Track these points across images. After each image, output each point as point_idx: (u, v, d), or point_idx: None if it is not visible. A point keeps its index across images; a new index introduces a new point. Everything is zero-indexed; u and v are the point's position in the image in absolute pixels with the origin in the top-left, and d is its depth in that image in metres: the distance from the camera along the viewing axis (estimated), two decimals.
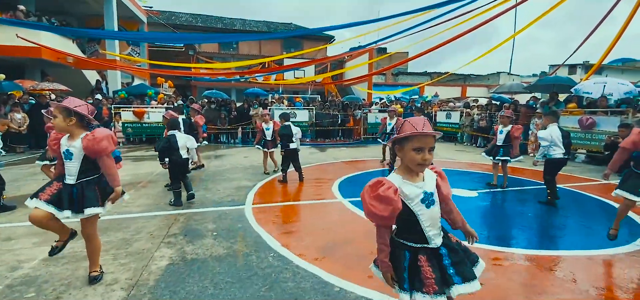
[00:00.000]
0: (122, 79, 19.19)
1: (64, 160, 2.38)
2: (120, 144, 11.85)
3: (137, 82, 20.08)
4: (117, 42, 18.32)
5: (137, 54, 22.10)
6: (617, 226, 3.27)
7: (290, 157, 6.05)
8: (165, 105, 12.71)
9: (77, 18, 19.73)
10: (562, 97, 10.21)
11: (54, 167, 3.82)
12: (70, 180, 2.38)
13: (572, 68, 26.87)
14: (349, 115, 14.46)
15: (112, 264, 2.84)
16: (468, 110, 13.03)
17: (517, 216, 4.39)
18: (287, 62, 20.90)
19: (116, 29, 17.38)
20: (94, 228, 2.53)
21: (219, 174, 6.69)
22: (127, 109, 12.08)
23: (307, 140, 13.67)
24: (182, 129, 6.22)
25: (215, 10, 34.98)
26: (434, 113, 14.43)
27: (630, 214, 4.26)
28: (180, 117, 6.29)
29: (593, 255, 3.12)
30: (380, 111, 14.22)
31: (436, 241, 1.54)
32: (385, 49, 26.92)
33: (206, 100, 13.88)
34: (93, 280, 2.51)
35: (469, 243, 1.73)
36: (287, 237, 3.48)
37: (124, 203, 3.88)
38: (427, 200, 1.53)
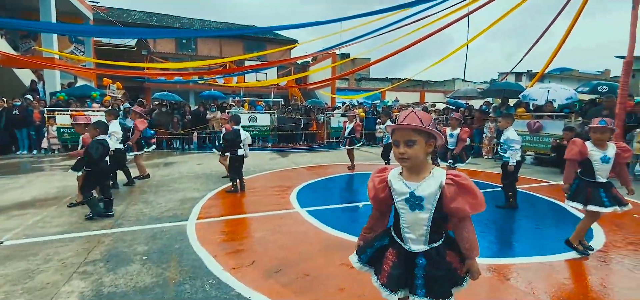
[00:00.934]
0: (62, 79, 17.34)
1: None
2: (55, 152, 10.55)
3: (80, 83, 18.26)
4: (55, 37, 16.49)
5: (82, 53, 20.16)
6: (579, 238, 3.24)
7: (238, 165, 5.59)
8: (109, 108, 11.56)
9: (11, 12, 17.53)
10: (512, 101, 10.75)
11: None
12: None
13: (518, 76, 28.99)
14: (312, 120, 14.20)
15: None
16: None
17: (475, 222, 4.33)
18: (249, 63, 20.22)
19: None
20: None
21: (165, 185, 6.04)
22: (63, 113, 10.79)
23: (269, 145, 13.18)
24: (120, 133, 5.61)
25: (173, 9, 33.18)
26: (395, 117, 14.63)
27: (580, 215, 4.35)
28: (114, 121, 5.61)
29: (552, 261, 3.06)
30: (343, 115, 14.12)
31: (412, 246, 1.49)
32: (348, 54, 27.17)
33: (157, 103, 12.88)
34: None
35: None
36: (232, 257, 3.06)
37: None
38: (413, 202, 1.45)
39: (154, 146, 7.33)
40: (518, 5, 9.45)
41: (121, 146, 5.72)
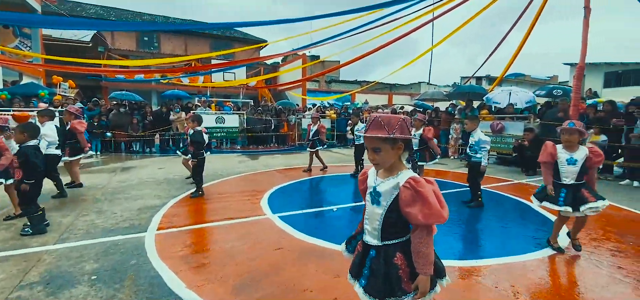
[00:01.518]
0: (4, 76, 15.68)
1: None
2: None
3: (26, 80, 16.60)
4: None
5: (28, 48, 18.36)
6: (554, 238, 3.30)
7: (199, 168, 5.33)
8: (42, 109, 10.60)
9: None
10: (475, 104, 11.19)
11: None
12: None
13: (479, 80, 30.59)
14: (283, 121, 13.93)
15: None
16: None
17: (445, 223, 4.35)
18: (216, 62, 19.47)
19: None
20: None
21: (121, 192, 5.53)
22: (4, 113, 9.67)
23: (238, 147, 12.72)
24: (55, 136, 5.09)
25: (131, 4, 31.44)
26: (365, 118, 14.74)
27: (547, 215, 4.52)
28: (48, 123, 5.09)
29: (522, 261, 3.09)
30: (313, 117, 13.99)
31: (367, 238, 1.57)
32: (318, 55, 27.16)
33: (115, 103, 11.99)
34: None
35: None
36: (197, 272, 2.78)
37: None
38: (374, 197, 1.54)
39: (90, 152, 6.80)
40: (479, 13, 9.91)
41: (57, 151, 5.21)
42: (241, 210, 4.59)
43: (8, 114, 9.71)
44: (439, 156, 6.04)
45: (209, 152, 6.02)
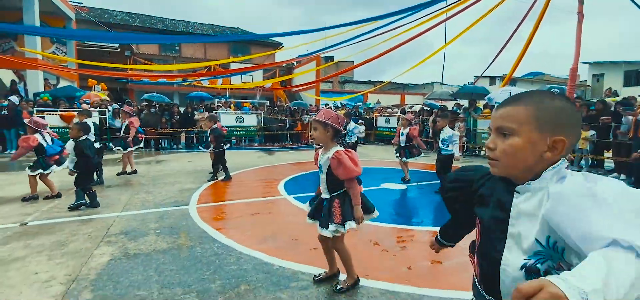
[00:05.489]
0: (47, 79, 17.23)
1: None
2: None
3: (63, 83, 18.17)
4: (38, 38, 16.42)
5: (64, 53, 20.00)
6: None
7: (221, 158, 6.43)
8: (98, 108, 11.87)
9: None
10: (480, 103, 11.77)
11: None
12: None
13: (492, 79, 30.62)
14: (297, 120, 14.84)
15: (46, 264, 2.79)
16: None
17: (428, 204, 5.11)
18: (234, 66, 20.63)
19: (37, 24, 15.61)
20: None
21: (161, 179, 6.54)
22: (52, 113, 11.00)
23: (256, 144, 13.72)
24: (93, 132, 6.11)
25: (155, 10, 32.97)
26: (375, 118, 15.46)
27: None
28: (86, 120, 6.14)
29: None
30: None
31: (323, 195, 2.40)
32: (332, 57, 27.95)
33: (146, 104, 13.20)
34: None
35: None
36: (232, 230, 3.68)
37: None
38: (320, 167, 2.38)
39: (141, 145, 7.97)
40: (489, 12, 10.40)
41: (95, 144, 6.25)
42: (262, 192, 5.50)
43: (56, 114, 11.06)
44: (423, 152, 6.55)
45: (228, 147, 7.01)
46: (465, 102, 12.83)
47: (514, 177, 0.87)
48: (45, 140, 4.98)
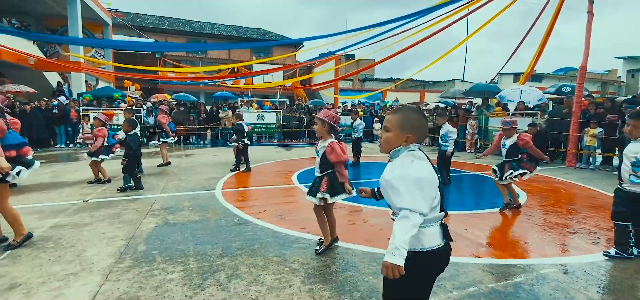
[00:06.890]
0: (88, 81, 18.92)
1: None
2: (88, 145, 12.00)
3: (101, 84, 19.85)
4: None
5: (101, 56, 21.79)
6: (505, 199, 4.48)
7: (244, 151, 7.16)
8: (134, 107, 13.08)
9: (36, 18, 19.20)
10: (493, 101, 11.94)
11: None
12: None
13: (517, 76, 29.93)
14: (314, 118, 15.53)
15: (109, 228, 3.62)
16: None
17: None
18: (256, 67, 21.66)
19: (80, 31, 17.24)
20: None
21: (190, 169, 7.43)
22: (96, 111, 12.28)
23: (275, 141, 14.55)
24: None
25: (182, 12, 34.67)
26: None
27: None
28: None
29: (480, 213, 4.34)
30: (342, 114, 15.40)
31: (316, 173, 3.05)
32: (353, 55, 28.40)
33: (176, 103, 14.33)
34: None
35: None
36: (250, 209, 4.40)
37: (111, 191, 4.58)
38: (317, 153, 3.04)
39: (173, 140, 8.90)
40: (508, 6, 10.44)
41: None
42: (278, 181, 6.22)
43: (99, 111, 12.35)
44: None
45: (250, 143, 7.73)
46: (478, 100, 13.03)
47: (389, 153, 1.49)
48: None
